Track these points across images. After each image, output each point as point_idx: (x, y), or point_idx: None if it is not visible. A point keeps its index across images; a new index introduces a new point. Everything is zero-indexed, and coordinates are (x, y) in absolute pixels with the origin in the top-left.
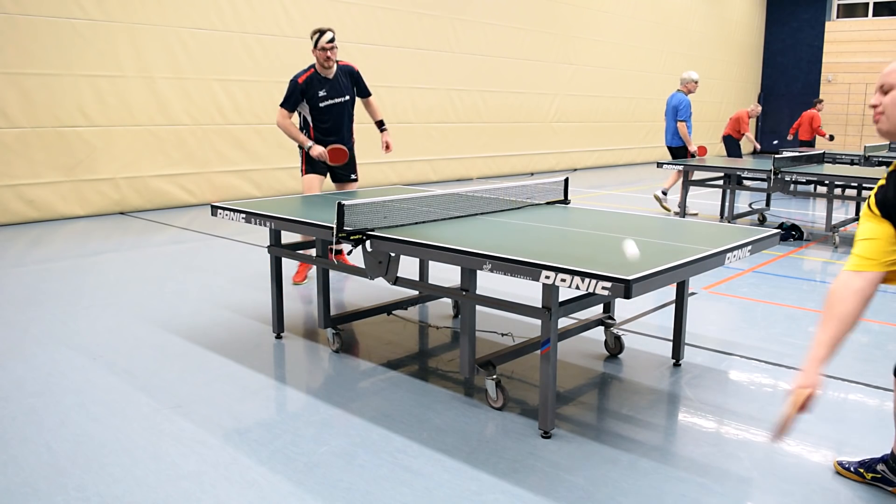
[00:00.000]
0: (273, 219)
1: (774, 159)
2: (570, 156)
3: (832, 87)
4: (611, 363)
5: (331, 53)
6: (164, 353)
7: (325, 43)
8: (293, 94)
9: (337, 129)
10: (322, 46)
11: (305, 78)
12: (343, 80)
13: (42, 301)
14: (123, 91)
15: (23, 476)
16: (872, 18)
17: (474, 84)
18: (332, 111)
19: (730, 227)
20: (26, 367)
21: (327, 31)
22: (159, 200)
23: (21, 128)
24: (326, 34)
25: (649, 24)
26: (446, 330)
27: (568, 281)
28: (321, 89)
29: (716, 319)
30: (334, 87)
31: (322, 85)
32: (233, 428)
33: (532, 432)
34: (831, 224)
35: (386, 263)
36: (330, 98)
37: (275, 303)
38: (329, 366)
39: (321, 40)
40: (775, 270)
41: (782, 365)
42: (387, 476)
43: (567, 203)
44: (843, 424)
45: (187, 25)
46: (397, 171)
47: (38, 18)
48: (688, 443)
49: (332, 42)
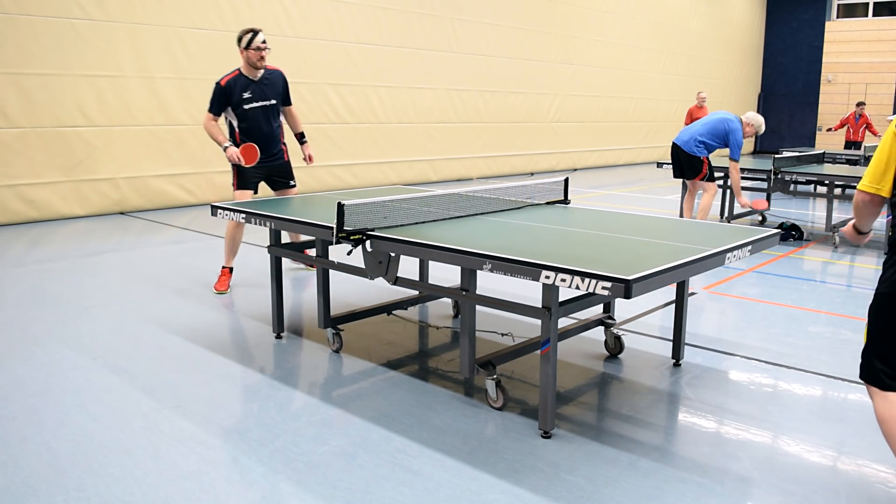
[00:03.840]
0: (273, 219)
1: (774, 159)
2: (570, 156)
3: (832, 87)
4: (611, 363)
5: (264, 53)
6: (164, 354)
7: (260, 42)
8: (216, 97)
9: (261, 133)
10: (257, 46)
11: (228, 80)
12: (269, 84)
13: (42, 301)
14: (123, 91)
15: (23, 476)
16: (872, 18)
17: (474, 84)
18: (257, 115)
19: (730, 227)
20: (26, 367)
21: (259, 30)
22: (159, 200)
23: (21, 128)
24: (260, 34)
25: (649, 24)
26: (446, 330)
27: (568, 281)
28: (245, 91)
29: (716, 319)
30: (259, 89)
31: (246, 87)
32: (233, 428)
33: (532, 432)
34: (831, 224)
35: (386, 263)
36: (254, 101)
37: (275, 303)
38: (329, 366)
39: (255, 40)
40: (775, 270)
41: (782, 365)
42: (387, 476)
43: (567, 203)
44: (843, 424)
45: (187, 25)
46: (397, 171)
47: (38, 18)
48: (688, 443)
49: (265, 42)
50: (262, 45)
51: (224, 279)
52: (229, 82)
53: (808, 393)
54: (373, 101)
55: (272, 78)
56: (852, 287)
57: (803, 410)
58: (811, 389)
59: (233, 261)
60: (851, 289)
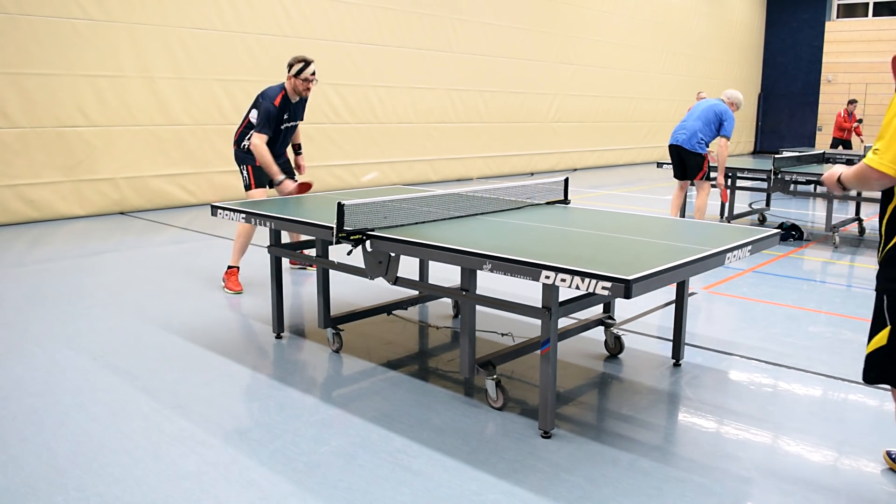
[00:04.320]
0: (273, 219)
1: (774, 159)
2: (570, 156)
3: (832, 87)
4: (611, 363)
5: (312, 86)
6: (164, 353)
7: (310, 74)
8: (271, 119)
9: (283, 150)
10: (306, 77)
11: (280, 101)
12: (301, 106)
13: (42, 301)
14: (123, 91)
15: (23, 476)
16: (872, 18)
17: (474, 84)
18: (285, 133)
19: (730, 227)
20: (26, 367)
21: (312, 61)
22: (159, 200)
23: (21, 128)
24: (312, 65)
25: (649, 24)
26: (446, 330)
27: (568, 281)
28: (286, 112)
29: (716, 319)
30: (295, 111)
31: (287, 108)
32: (233, 428)
33: (532, 432)
34: (831, 224)
35: (386, 263)
36: (289, 121)
37: (275, 303)
38: (329, 366)
39: (305, 71)
40: (775, 270)
41: (782, 365)
42: (387, 476)
43: (567, 203)
44: (843, 424)
45: (187, 25)
46: (397, 171)
47: (38, 18)
48: (688, 443)
49: (314, 74)
50: (311, 77)
51: (234, 279)
52: (281, 104)
53: (808, 393)
54: (373, 101)
55: (303, 100)
56: (852, 287)
57: (803, 410)
58: (811, 389)
59: (241, 260)
60: (851, 289)
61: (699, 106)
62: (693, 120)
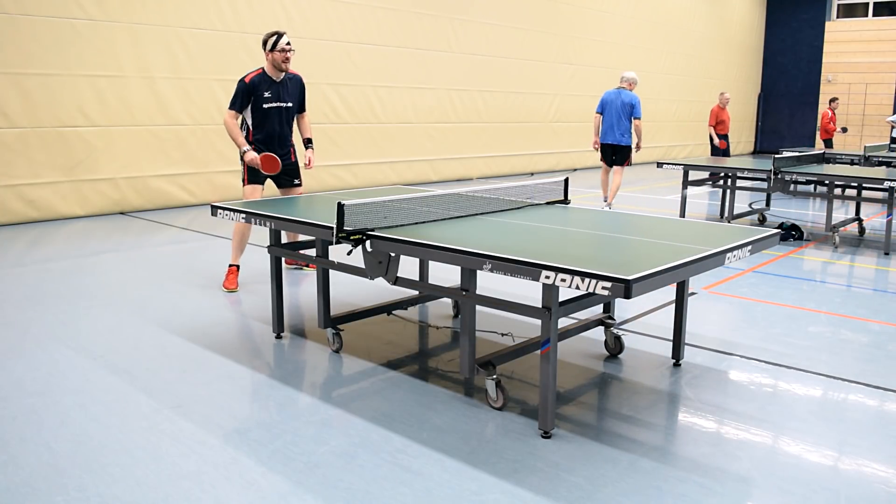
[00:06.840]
0: (273, 219)
1: (774, 159)
2: (570, 156)
3: (832, 87)
4: (611, 363)
5: (290, 55)
6: (164, 353)
7: (285, 44)
8: (240, 94)
9: (274, 133)
10: (282, 48)
11: (252, 77)
12: (289, 88)
13: (42, 301)
14: (123, 91)
15: (23, 476)
16: (872, 18)
17: (474, 84)
18: (272, 115)
19: (730, 227)
20: (26, 367)
21: (284, 33)
22: (159, 200)
23: (21, 128)
24: (285, 36)
25: (649, 24)
26: (446, 330)
27: (568, 281)
28: (267, 91)
29: (716, 319)
30: (280, 91)
31: (268, 87)
32: (233, 428)
33: (532, 432)
34: (831, 224)
35: (386, 263)
36: (274, 101)
37: (275, 303)
38: (329, 366)
39: (280, 42)
40: (775, 270)
41: (782, 365)
42: (387, 476)
43: (567, 203)
44: (843, 424)
45: (187, 25)
46: (397, 171)
47: (38, 18)
48: (688, 443)
49: (289, 44)
50: (286, 47)
51: (233, 277)
52: (253, 80)
53: (808, 393)
54: (373, 101)
55: (292, 82)
56: (852, 287)
57: (803, 410)
58: (811, 389)
59: (240, 258)
60: (851, 289)
61: (612, 104)
62: (615, 120)
